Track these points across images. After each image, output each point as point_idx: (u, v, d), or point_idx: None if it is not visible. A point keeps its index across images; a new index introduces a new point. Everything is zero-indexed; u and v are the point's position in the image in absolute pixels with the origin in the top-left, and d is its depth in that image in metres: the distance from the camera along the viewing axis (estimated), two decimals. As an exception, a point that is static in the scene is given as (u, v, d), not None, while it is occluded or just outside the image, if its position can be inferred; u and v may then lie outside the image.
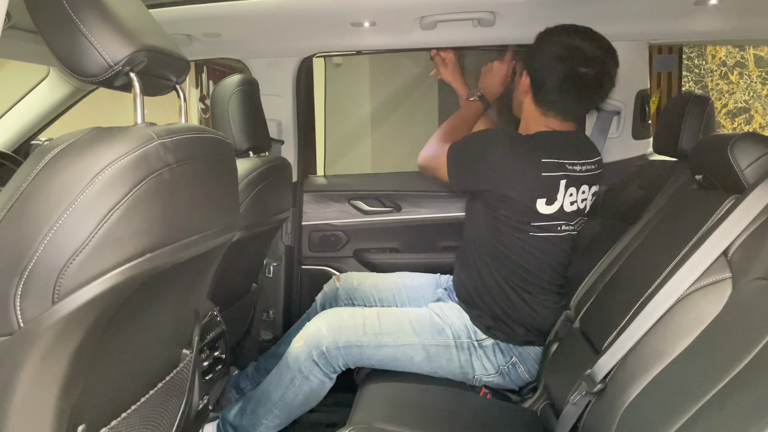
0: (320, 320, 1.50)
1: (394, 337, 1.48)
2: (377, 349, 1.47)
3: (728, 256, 1.07)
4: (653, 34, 1.93)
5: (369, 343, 1.47)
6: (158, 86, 1.00)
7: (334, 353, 1.44)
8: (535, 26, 1.68)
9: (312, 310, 1.92)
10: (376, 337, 1.47)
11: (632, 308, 1.21)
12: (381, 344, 1.47)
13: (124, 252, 0.76)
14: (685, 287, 1.10)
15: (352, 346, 1.45)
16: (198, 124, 1.00)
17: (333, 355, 1.44)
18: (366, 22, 1.78)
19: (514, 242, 1.51)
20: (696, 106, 1.57)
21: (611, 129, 2.05)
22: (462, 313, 1.57)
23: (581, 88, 1.54)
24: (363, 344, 1.46)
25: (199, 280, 1.14)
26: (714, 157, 1.23)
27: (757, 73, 4.43)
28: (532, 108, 1.62)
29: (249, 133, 1.71)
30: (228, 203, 1.09)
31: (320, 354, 1.44)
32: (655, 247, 1.35)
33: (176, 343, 1.13)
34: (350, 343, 1.45)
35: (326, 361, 1.44)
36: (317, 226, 2.22)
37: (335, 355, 1.44)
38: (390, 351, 1.48)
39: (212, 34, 1.85)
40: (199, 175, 0.94)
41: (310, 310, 1.93)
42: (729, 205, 1.16)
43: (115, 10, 0.85)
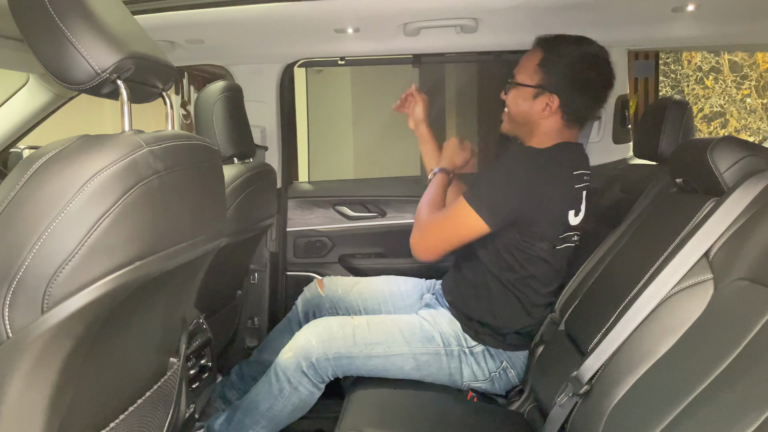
0: (309, 331, 1.48)
1: (384, 347, 1.47)
2: (367, 359, 1.46)
3: (709, 258, 1.09)
4: (632, 40, 1.97)
5: (359, 354, 1.45)
6: (145, 93, 0.99)
7: (324, 364, 1.43)
8: (517, 33, 1.71)
9: (293, 315, 1.89)
10: (367, 348, 1.46)
11: (616, 310, 1.23)
12: (371, 354, 1.46)
13: (114, 260, 0.75)
14: (667, 289, 1.12)
15: (342, 357, 1.44)
16: (185, 132, 1.00)
17: (323, 366, 1.43)
18: (350, 28, 1.79)
19: (535, 254, 1.48)
20: (675, 111, 1.60)
21: (592, 134, 2.08)
22: (452, 320, 1.56)
23: (604, 92, 1.56)
24: (353, 355, 1.45)
25: (187, 288, 1.14)
26: (693, 161, 1.26)
27: (732, 78, 4.52)
28: (556, 124, 1.54)
29: (233, 140, 1.70)
30: (216, 210, 1.09)
31: (309, 365, 1.42)
32: (637, 249, 1.38)
33: (164, 351, 1.12)
34: (340, 354, 1.44)
35: (315, 372, 1.43)
36: (302, 232, 2.22)
37: (325, 366, 1.43)
38: (380, 361, 1.47)
39: (195, 41, 1.85)
40: (188, 182, 0.93)
41: (291, 315, 1.89)
42: (709, 208, 1.18)
43: (102, 17, 0.85)
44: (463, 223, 1.43)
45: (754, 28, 1.78)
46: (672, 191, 1.41)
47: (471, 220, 1.42)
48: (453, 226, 1.46)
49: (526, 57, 1.57)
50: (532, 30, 1.80)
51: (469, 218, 1.42)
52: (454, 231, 1.46)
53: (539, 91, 1.53)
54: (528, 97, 1.55)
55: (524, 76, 1.55)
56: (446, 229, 1.47)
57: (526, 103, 1.55)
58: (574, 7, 1.61)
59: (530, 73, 1.54)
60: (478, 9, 1.63)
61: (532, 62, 1.55)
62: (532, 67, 1.54)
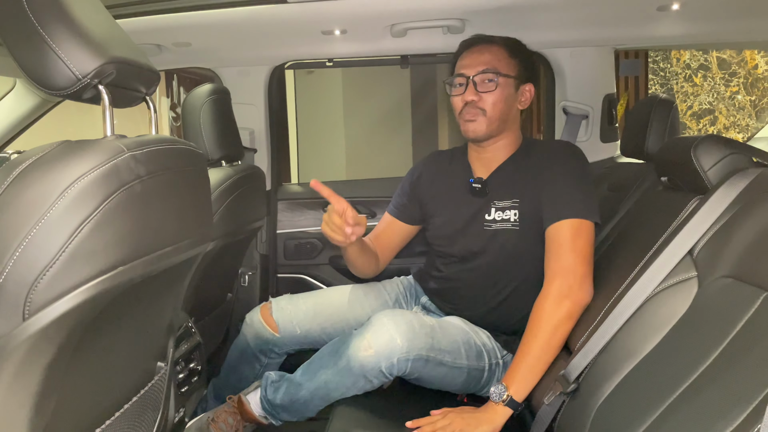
0: (392, 327, 1.33)
1: (452, 357, 1.39)
2: (436, 366, 1.38)
3: (693, 256, 1.10)
4: (618, 39, 1.98)
5: (433, 359, 1.36)
6: (128, 98, 0.99)
7: (403, 365, 1.33)
8: (503, 32, 1.71)
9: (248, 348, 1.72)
10: (440, 354, 1.37)
11: (603, 308, 1.23)
12: (441, 362, 1.38)
13: (96, 266, 0.75)
14: (653, 287, 1.12)
15: (421, 359, 1.34)
16: (169, 135, 1.00)
17: (402, 366, 1.33)
18: (337, 30, 1.79)
19: None
20: (661, 110, 1.61)
21: (580, 133, 2.09)
22: (484, 329, 1.52)
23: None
24: (429, 359, 1.36)
25: (173, 292, 1.13)
26: (678, 159, 1.26)
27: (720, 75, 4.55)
28: (517, 115, 1.59)
29: (221, 143, 1.70)
30: (201, 214, 1.09)
31: (390, 365, 1.32)
32: (624, 248, 1.38)
33: (151, 355, 1.12)
34: (420, 356, 1.34)
35: (392, 371, 1.33)
36: (292, 234, 2.22)
37: (403, 366, 1.33)
38: (444, 370, 1.39)
39: (182, 44, 1.85)
40: (172, 187, 0.93)
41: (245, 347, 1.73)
42: (693, 206, 1.19)
43: (83, 22, 0.84)
44: (590, 236, 1.40)
45: (739, 26, 1.80)
46: (658, 189, 1.42)
47: (591, 230, 1.40)
48: (585, 244, 1.38)
49: (491, 53, 1.52)
50: (518, 30, 1.81)
51: (590, 230, 1.40)
52: (589, 247, 1.39)
53: (519, 81, 1.54)
54: (511, 90, 1.53)
55: (504, 68, 1.51)
56: (582, 253, 1.37)
57: (510, 97, 1.53)
58: (560, 7, 1.62)
59: (506, 65, 1.52)
60: (464, 10, 1.63)
61: (500, 55, 1.53)
62: (505, 59, 1.52)
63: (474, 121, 1.51)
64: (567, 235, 1.38)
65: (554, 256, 1.38)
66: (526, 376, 1.29)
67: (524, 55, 1.57)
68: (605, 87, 2.09)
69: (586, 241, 1.38)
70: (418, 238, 1.91)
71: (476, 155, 1.61)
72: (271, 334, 1.67)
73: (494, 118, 1.51)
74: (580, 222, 1.39)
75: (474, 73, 1.50)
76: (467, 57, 1.54)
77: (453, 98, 1.55)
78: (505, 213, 1.51)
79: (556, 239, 1.39)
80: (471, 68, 1.51)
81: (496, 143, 1.56)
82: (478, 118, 1.50)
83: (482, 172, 1.59)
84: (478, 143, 1.57)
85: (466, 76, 1.51)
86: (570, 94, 2.07)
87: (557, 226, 1.40)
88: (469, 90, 1.50)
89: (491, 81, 1.49)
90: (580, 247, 1.37)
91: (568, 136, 2.08)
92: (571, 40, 1.96)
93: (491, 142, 1.55)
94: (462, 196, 1.59)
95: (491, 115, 1.50)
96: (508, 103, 1.52)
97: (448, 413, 1.28)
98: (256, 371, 1.73)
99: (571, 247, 1.36)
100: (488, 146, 1.57)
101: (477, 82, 1.50)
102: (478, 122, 1.50)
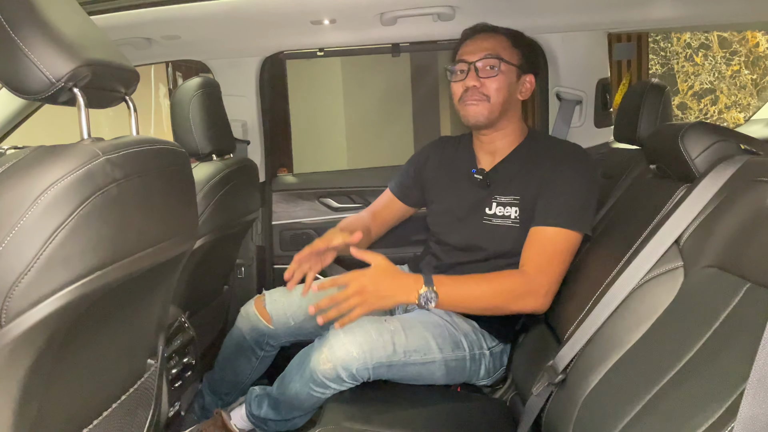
0: (348, 340, 1.35)
1: (421, 354, 1.40)
2: (404, 366, 1.40)
3: (680, 245, 1.09)
4: (611, 23, 1.96)
5: (397, 362, 1.38)
6: (107, 99, 0.99)
7: (363, 373, 1.36)
8: (493, 18, 1.69)
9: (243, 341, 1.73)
10: (405, 355, 1.39)
11: (592, 298, 1.23)
12: (408, 362, 1.39)
13: (73, 271, 0.76)
14: (639, 276, 1.12)
15: (382, 366, 1.36)
16: (150, 136, 0.99)
17: (362, 374, 1.36)
18: (326, 19, 1.78)
19: None
20: (652, 95, 1.59)
21: (574, 118, 2.07)
22: (467, 319, 1.52)
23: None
24: (392, 363, 1.38)
25: (161, 289, 1.14)
26: (666, 147, 1.25)
27: (722, 54, 4.50)
28: (518, 105, 1.58)
29: (211, 137, 1.70)
30: (185, 212, 1.09)
31: (350, 375, 1.34)
32: (613, 236, 1.38)
33: (140, 353, 1.13)
34: (381, 363, 1.36)
35: (354, 379, 1.36)
36: (288, 225, 2.22)
37: (364, 374, 1.36)
38: (416, 368, 1.41)
39: (171, 37, 1.83)
40: (152, 188, 0.93)
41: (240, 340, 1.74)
42: (681, 194, 1.18)
43: (56, 24, 0.84)
44: (572, 248, 1.40)
45: (734, 7, 1.77)
46: (648, 177, 1.41)
47: (575, 240, 1.40)
48: (563, 257, 1.39)
49: (494, 40, 1.51)
50: (510, 15, 1.79)
51: (573, 240, 1.40)
52: (565, 260, 1.40)
53: (521, 71, 1.53)
54: (513, 78, 1.51)
55: (507, 56, 1.49)
56: (556, 267, 1.38)
57: (512, 86, 1.51)
58: None
59: (509, 54, 1.50)
60: (453, -4, 1.62)
61: (503, 43, 1.51)
62: (508, 48, 1.51)
63: (476, 105, 1.48)
64: (549, 245, 1.39)
65: (534, 254, 1.40)
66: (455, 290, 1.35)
67: (527, 46, 1.56)
68: (599, 71, 2.07)
69: (566, 253, 1.40)
70: (414, 226, 1.92)
71: (479, 144, 1.61)
72: (266, 326, 1.68)
73: (497, 104, 1.48)
74: (568, 234, 1.39)
75: (476, 59, 1.48)
76: (470, 44, 1.53)
77: (453, 84, 1.54)
78: (506, 209, 1.50)
79: (538, 241, 1.41)
80: (473, 54, 1.49)
81: (497, 132, 1.55)
82: (480, 103, 1.48)
83: (486, 163, 1.58)
84: (478, 130, 1.56)
85: (468, 62, 1.49)
86: (563, 79, 2.05)
87: (543, 229, 1.41)
88: (471, 75, 1.48)
89: (493, 67, 1.48)
90: (557, 261, 1.38)
91: (561, 122, 2.06)
92: (563, 24, 1.94)
93: (492, 130, 1.54)
94: (464, 185, 1.59)
95: (495, 101, 1.48)
96: (509, 91, 1.50)
97: (358, 278, 1.32)
98: (253, 364, 1.74)
99: (548, 259, 1.38)
100: (490, 134, 1.56)
101: (479, 67, 1.48)
102: (480, 107, 1.48)
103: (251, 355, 1.73)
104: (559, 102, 2.08)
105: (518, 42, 1.54)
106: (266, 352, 1.73)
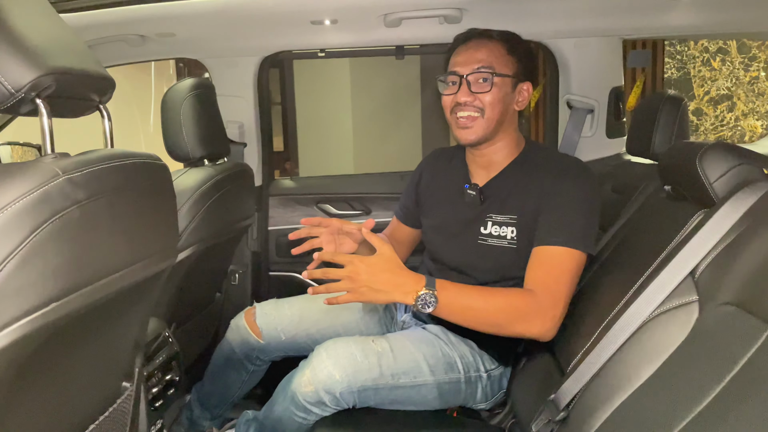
0: (331, 363, 1.28)
1: (411, 377, 1.33)
2: (392, 390, 1.33)
3: (695, 277, 1.01)
4: (627, 29, 1.87)
5: (385, 385, 1.31)
6: (78, 107, 0.92)
7: (348, 398, 1.29)
8: (502, 22, 1.61)
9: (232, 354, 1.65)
10: (393, 378, 1.32)
11: (598, 328, 1.15)
12: (397, 385, 1.33)
13: (25, 304, 0.69)
14: (650, 309, 1.04)
15: (368, 389, 1.30)
16: (124, 149, 0.92)
17: (346, 398, 1.29)
18: (327, 20, 1.71)
19: None
20: (669, 108, 1.51)
21: (585, 127, 1.99)
22: (467, 340, 1.45)
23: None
24: (379, 386, 1.31)
25: (138, 310, 1.07)
26: (683, 168, 1.17)
27: (740, 59, 4.37)
28: (514, 116, 1.48)
29: (203, 141, 1.62)
30: (162, 230, 1.02)
31: (333, 399, 1.28)
32: (623, 260, 1.30)
33: (113, 377, 1.06)
34: (366, 386, 1.29)
35: (338, 403, 1.29)
36: (284, 231, 2.15)
37: (349, 398, 1.29)
38: (405, 392, 1.34)
39: (166, 34, 1.77)
40: (122, 207, 0.86)
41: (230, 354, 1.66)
42: (698, 220, 1.10)
43: (19, 31, 0.77)
44: (577, 269, 1.30)
45: (753, 15, 1.68)
46: (662, 197, 1.33)
47: (580, 261, 1.30)
48: (569, 278, 1.29)
49: (488, 49, 1.40)
50: (519, 20, 1.71)
51: (578, 261, 1.30)
52: (572, 282, 1.30)
53: (517, 80, 1.42)
54: (508, 90, 1.41)
55: (501, 67, 1.39)
56: (564, 288, 1.28)
57: (507, 97, 1.41)
58: None
59: (504, 63, 1.40)
60: (461, -2, 1.54)
61: (497, 51, 1.40)
62: (502, 57, 1.40)
63: (468, 129, 1.39)
64: (553, 268, 1.30)
65: (540, 274, 1.30)
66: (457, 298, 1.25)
67: (523, 51, 1.45)
68: (612, 79, 1.98)
69: (571, 274, 1.30)
70: None
71: (472, 158, 1.51)
72: (256, 340, 1.61)
73: (491, 119, 1.39)
74: (571, 254, 1.30)
75: (468, 72, 1.38)
76: (462, 53, 1.42)
77: (444, 97, 1.43)
78: (502, 229, 1.41)
79: (542, 261, 1.31)
80: (465, 66, 1.39)
81: (491, 146, 1.45)
82: (474, 123, 1.39)
83: (480, 177, 1.49)
84: (472, 147, 1.46)
85: (460, 74, 1.39)
86: (574, 87, 1.96)
87: (547, 249, 1.32)
88: (462, 90, 1.38)
89: (486, 80, 1.38)
90: (563, 282, 1.29)
91: (572, 131, 1.97)
92: (576, 29, 1.85)
93: (486, 145, 1.44)
94: (457, 200, 1.49)
95: (489, 116, 1.38)
96: (504, 104, 1.40)
97: (355, 263, 1.19)
98: (243, 378, 1.68)
99: (553, 281, 1.29)
100: (484, 149, 1.46)
101: (471, 81, 1.38)
102: (473, 127, 1.39)
103: (241, 369, 1.66)
104: (570, 110, 2.00)
105: (514, 48, 1.43)
106: (257, 366, 1.67)
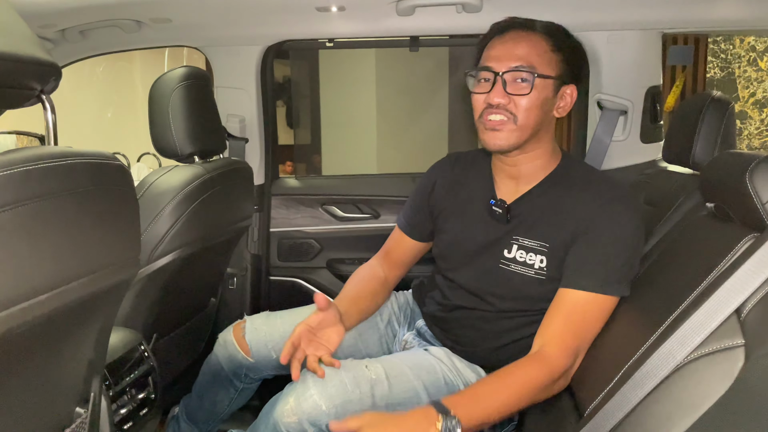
0: (317, 392, 1.15)
1: (407, 407, 1.17)
2: None
3: (741, 317, 0.84)
4: (668, 22, 1.67)
5: None
6: (16, 98, 0.79)
7: None
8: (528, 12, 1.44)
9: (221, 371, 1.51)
10: (387, 409, 1.17)
11: (623, 367, 0.99)
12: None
13: None
14: (686, 352, 0.87)
15: None
16: (67, 148, 0.79)
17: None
18: (334, 6, 1.57)
19: None
20: (714, 111, 1.33)
21: (617, 130, 1.80)
22: (471, 365, 1.31)
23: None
24: None
25: (93, 327, 0.95)
26: (729, 183, 0.99)
27: (790, 60, 4.11)
28: (552, 124, 1.29)
29: (193, 136, 1.49)
30: (120, 237, 0.89)
31: (318, 431, 1.14)
32: (654, 289, 1.13)
33: (64, 401, 0.94)
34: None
35: None
36: (287, 234, 2.02)
37: None
38: None
39: (162, 20, 1.65)
40: (60, 214, 0.73)
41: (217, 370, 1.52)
42: (746, 246, 0.93)
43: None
44: (605, 315, 1.17)
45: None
46: (703, 214, 1.15)
47: (611, 306, 1.17)
48: (594, 326, 1.17)
49: (529, 44, 1.20)
50: (546, 10, 1.55)
51: (608, 306, 1.17)
52: (596, 329, 1.17)
53: (560, 82, 1.22)
54: (549, 94, 1.21)
55: (543, 66, 1.19)
56: (585, 339, 1.16)
57: (547, 102, 1.21)
58: None
59: (547, 62, 1.20)
60: (480, -16, 1.38)
61: (540, 48, 1.20)
62: (546, 54, 1.20)
63: (499, 131, 1.20)
64: (578, 313, 1.16)
65: (559, 327, 1.16)
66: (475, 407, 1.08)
67: (570, 48, 1.25)
68: (649, 78, 1.78)
69: (599, 322, 1.16)
70: None
71: (501, 165, 1.31)
72: (245, 357, 1.46)
73: (527, 126, 1.20)
74: (601, 299, 1.15)
75: (505, 69, 1.18)
76: (498, 46, 1.22)
77: (475, 96, 1.24)
78: (529, 256, 1.23)
79: (565, 308, 1.17)
80: (501, 62, 1.19)
81: (523, 154, 1.25)
82: (505, 127, 1.20)
83: (507, 190, 1.30)
84: (501, 153, 1.28)
85: (495, 71, 1.19)
86: (606, 85, 1.77)
87: (573, 293, 1.16)
88: (497, 89, 1.19)
89: (525, 81, 1.18)
90: (588, 328, 1.16)
91: (602, 134, 1.79)
92: (610, 21, 1.66)
93: (518, 152, 1.25)
94: (478, 216, 1.32)
95: (524, 124, 1.19)
96: (543, 110, 1.21)
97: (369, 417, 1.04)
98: (231, 395, 1.55)
99: (576, 328, 1.15)
100: (514, 157, 1.26)
101: (507, 80, 1.18)
102: (504, 132, 1.20)
103: (229, 386, 1.53)
104: (601, 111, 1.81)
105: (560, 44, 1.22)
106: (246, 384, 1.53)
